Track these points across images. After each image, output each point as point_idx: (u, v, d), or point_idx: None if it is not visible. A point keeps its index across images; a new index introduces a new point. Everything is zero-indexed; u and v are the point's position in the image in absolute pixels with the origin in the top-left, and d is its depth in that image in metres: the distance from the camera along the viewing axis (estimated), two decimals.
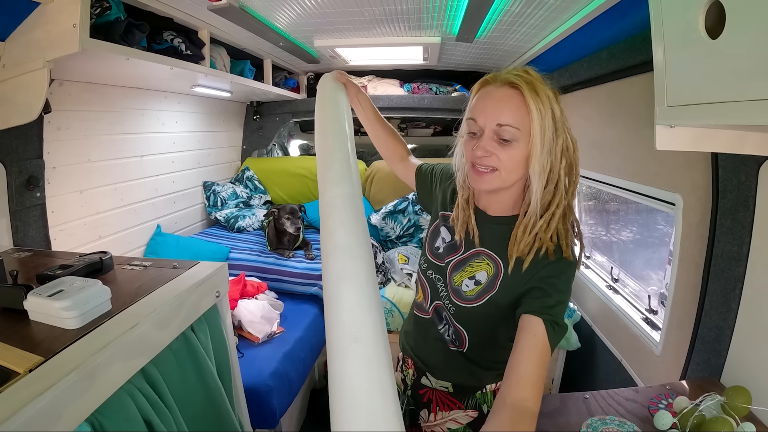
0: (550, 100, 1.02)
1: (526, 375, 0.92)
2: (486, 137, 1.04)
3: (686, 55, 0.94)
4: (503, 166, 1.04)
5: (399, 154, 1.55)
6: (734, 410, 1.21)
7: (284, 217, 3.14)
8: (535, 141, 1.01)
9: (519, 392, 0.89)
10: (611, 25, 1.89)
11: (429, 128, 5.08)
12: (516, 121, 1.01)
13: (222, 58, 2.76)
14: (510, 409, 0.87)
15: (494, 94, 1.05)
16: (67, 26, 1.50)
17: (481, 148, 1.04)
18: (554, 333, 0.99)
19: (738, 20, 0.77)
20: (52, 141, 2.09)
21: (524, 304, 1.04)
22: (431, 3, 2.14)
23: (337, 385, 0.73)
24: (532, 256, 1.06)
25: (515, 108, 1.01)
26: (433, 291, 1.28)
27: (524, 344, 0.96)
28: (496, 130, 1.03)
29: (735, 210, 1.44)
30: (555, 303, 1.02)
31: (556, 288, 1.04)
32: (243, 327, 2.37)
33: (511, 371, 0.93)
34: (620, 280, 2.59)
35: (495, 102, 1.04)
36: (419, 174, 1.48)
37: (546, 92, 1.02)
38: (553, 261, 1.05)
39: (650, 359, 2.00)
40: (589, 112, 2.51)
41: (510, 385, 0.91)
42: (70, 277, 1.20)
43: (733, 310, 1.44)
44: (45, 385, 0.85)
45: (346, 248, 0.93)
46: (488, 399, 1.31)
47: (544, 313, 0.99)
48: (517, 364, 0.94)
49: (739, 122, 0.81)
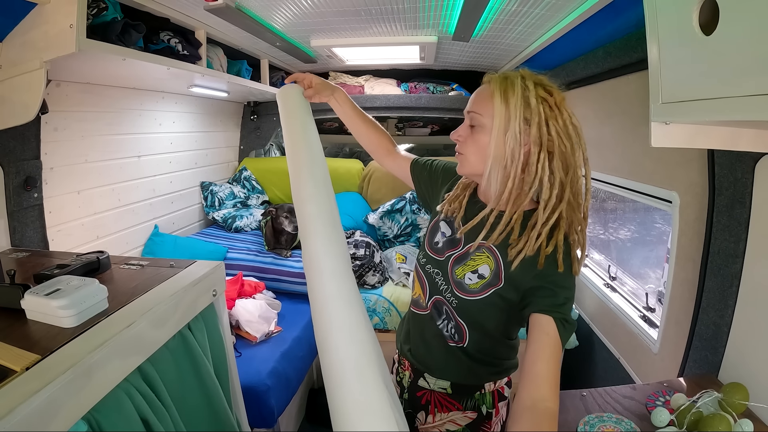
0: (527, 89, 1.05)
1: (543, 374, 0.93)
2: (463, 125, 1.17)
3: (680, 52, 0.95)
4: (467, 149, 1.15)
5: (385, 146, 1.55)
6: (731, 407, 1.21)
7: (282, 216, 3.14)
8: (496, 124, 1.07)
9: (538, 392, 0.90)
10: (607, 24, 1.90)
11: (426, 128, 5.07)
12: (480, 108, 1.11)
13: (219, 58, 2.76)
14: (531, 412, 0.88)
15: (478, 90, 1.16)
16: (63, 27, 1.50)
17: (455, 132, 1.18)
18: (564, 330, 0.99)
19: (731, 16, 0.77)
20: (49, 141, 2.09)
21: (533, 304, 1.05)
22: (427, 2, 2.14)
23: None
24: (534, 252, 1.06)
25: (483, 98, 1.11)
26: (432, 286, 1.28)
27: (538, 343, 0.98)
28: (469, 118, 1.14)
29: (731, 207, 1.44)
30: (563, 301, 1.02)
31: (562, 286, 1.04)
32: (241, 326, 2.37)
33: (528, 370, 0.94)
34: (618, 278, 2.59)
35: (473, 95, 1.16)
36: (417, 167, 1.49)
37: (523, 84, 1.06)
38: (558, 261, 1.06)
39: (648, 357, 2.01)
40: (586, 111, 2.51)
41: (528, 386, 0.92)
42: (67, 276, 1.20)
43: (730, 307, 1.44)
44: (42, 382, 0.85)
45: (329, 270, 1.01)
46: (487, 400, 1.30)
47: (554, 311, 1.00)
48: (532, 363, 0.95)
49: (733, 118, 0.82)
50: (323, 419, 2.88)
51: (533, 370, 0.93)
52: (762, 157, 1.31)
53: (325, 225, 1.11)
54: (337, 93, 1.52)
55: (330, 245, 1.06)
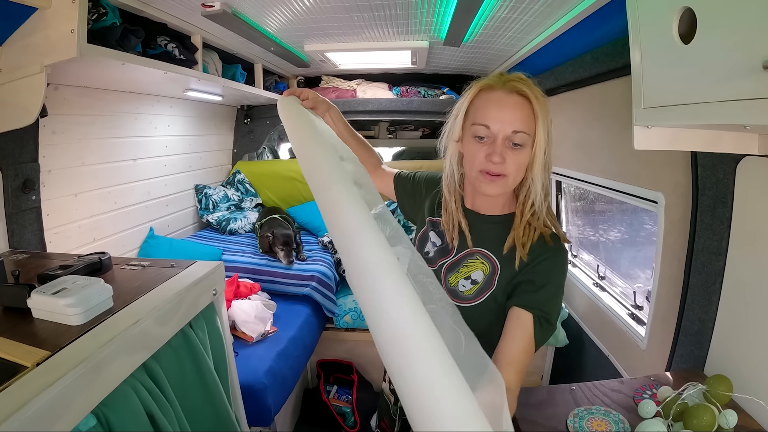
0: (547, 107, 1.08)
1: (513, 360, 0.98)
2: (500, 144, 1.07)
3: (661, 59, 0.99)
4: (510, 172, 1.08)
5: (372, 164, 1.54)
6: (716, 398, 1.25)
7: (277, 248, 3.11)
8: (540, 145, 1.06)
9: (504, 375, 0.91)
10: (594, 30, 1.94)
11: (417, 131, 5.12)
12: (527, 127, 1.06)
13: (214, 63, 2.78)
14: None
15: (507, 102, 1.07)
16: (65, 31, 1.52)
17: (498, 154, 1.06)
18: (541, 329, 1.03)
19: (708, 26, 0.82)
20: (47, 144, 2.10)
21: (515, 296, 1.08)
22: (419, 8, 2.18)
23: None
24: (529, 244, 1.10)
25: (527, 116, 1.06)
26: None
27: (513, 333, 1.02)
28: (510, 137, 1.06)
29: (714, 207, 1.49)
30: (548, 298, 1.06)
31: (549, 281, 1.08)
32: (237, 327, 2.39)
33: (500, 353, 1.00)
34: (607, 278, 2.64)
35: (510, 110, 1.07)
36: (399, 182, 1.49)
37: (545, 103, 1.08)
38: (550, 248, 1.10)
39: (636, 353, 2.05)
40: (574, 114, 2.57)
41: (497, 365, 0.92)
42: (72, 276, 1.23)
43: (714, 303, 1.49)
44: (53, 377, 0.87)
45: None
46: None
47: (535, 308, 1.04)
48: (506, 348, 1.00)
49: (711, 122, 0.86)
50: (318, 419, 2.92)
51: (506, 354, 0.99)
52: (743, 158, 1.35)
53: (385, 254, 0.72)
54: (332, 111, 1.46)
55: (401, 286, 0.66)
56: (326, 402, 2.93)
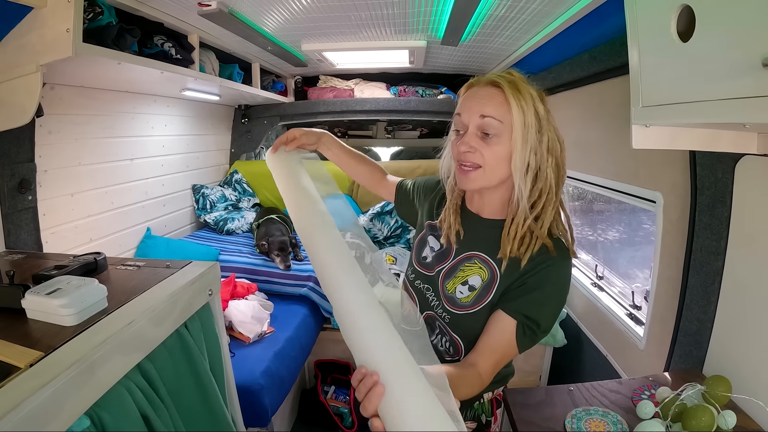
0: (533, 98, 1.04)
1: (490, 351, 1.04)
2: (470, 133, 1.07)
3: (659, 57, 0.99)
4: (486, 163, 1.06)
5: (377, 178, 1.54)
6: (715, 399, 1.24)
7: (274, 254, 3.09)
8: (516, 136, 1.03)
9: (481, 364, 0.99)
10: (592, 29, 1.94)
11: (415, 131, 5.12)
12: (498, 114, 1.04)
13: (211, 62, 2.78)
14: (466, 366, 0.98)
15: (478, 92, 1.08)
16: (60, 31, 1.51)
17: (465, 143, 1.07)
18: (524, 336, 1.03)
19: (707, 24, 0.81)
20: (43, 144, 2.09)
21: (503, 301, 1.08)
22: (417, 8, 2.18)
23: None
24: (529, 254, 1.07)
25: (498, 103, 1.04)
26: (423, 301, 1.26)
27: (494, 334, 1.05)
28: (479, 125, 1.06)
29: (713, 206, 1.48)
30: (536, 305, 1.05)
31: (542, 288, 1.06)
32: (234, 327, 2.38)
33: (481, 345, 1.04)
34: (605, 277, 2.64)
35: (479, 98, 1.07)
36: (399, 190, 1.50)
37: (529, 91, 1.05)
38: (551, 257, 1.07)
39: (635, 353, 2.05)
40: (572, 113, 2.56)
41: (475, 353, 1.02)
42: (67, 276, 1.21)
43: (713, 303, 1.48)
44: (46, 378, 0.86)
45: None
46: (486, 409, 1.31)
47: (520, 314, 1.04)
48: (488, 345, 1.05)
49: (709, 120, 0.86)
50: (316, 420, 2.91)
51: (488, 348, 1.04)
52: (741, 157, 1.35)
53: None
54: (324, 138, 1.44)
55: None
56: (324, 402, 2.92)
